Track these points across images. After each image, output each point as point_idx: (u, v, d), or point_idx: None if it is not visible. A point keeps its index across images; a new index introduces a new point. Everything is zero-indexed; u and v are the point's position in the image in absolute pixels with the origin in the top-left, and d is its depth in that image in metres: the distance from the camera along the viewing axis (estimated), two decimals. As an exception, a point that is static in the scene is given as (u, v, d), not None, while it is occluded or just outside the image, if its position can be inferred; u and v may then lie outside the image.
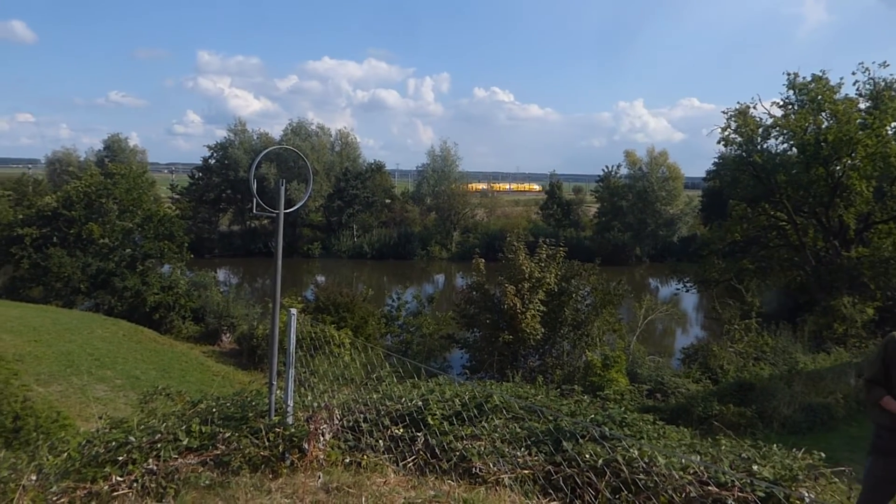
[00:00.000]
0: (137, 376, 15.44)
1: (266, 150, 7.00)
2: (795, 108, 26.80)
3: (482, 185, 73.00)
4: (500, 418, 5.33)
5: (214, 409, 5.17)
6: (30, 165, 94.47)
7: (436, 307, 25.93)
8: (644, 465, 4.30)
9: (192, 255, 31.20)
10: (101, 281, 26.93)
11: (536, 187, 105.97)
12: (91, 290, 27.05)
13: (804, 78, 26.61)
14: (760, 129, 27.53)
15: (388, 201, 63.78)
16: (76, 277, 26.13)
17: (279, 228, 6.40)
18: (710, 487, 4.14)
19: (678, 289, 33.27)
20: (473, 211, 61.69)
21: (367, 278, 49.30)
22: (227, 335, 25.38)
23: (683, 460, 4.35)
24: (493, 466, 4.57)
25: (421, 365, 6.50)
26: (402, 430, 5.07)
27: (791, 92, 26.79)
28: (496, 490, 4.27)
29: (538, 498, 4.25)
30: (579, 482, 4.33)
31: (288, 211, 6.60)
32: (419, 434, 4.97)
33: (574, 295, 19.56)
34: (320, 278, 33.27)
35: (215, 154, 59.84)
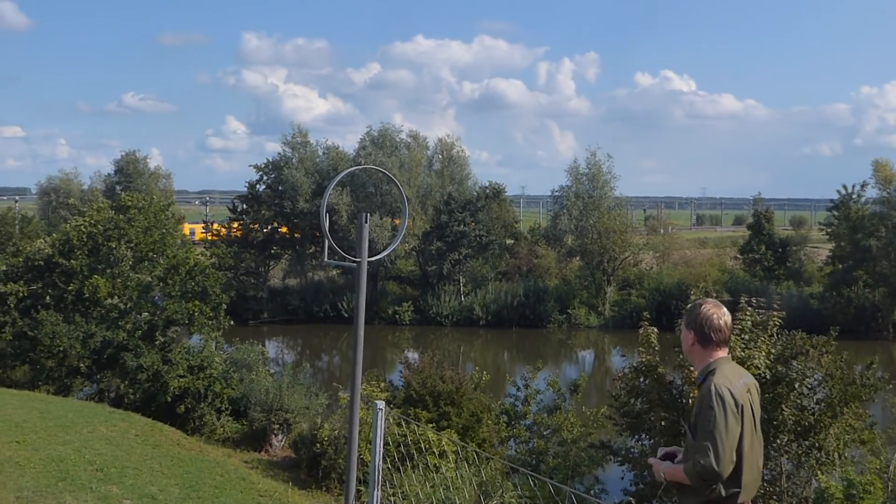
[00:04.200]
0: (153, 496, 15.85)
1: (343, 172, 7.08)
2: None
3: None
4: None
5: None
6: (17, 197, 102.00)
7: (581, 400, 25.36)
8: None
9: (231, 322, 32.25)
10: (107, 358, 28.24)
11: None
12: (94, 371, 28.41)
13: None
14: None
15: (509, 242, 63.99)
16: (74, 353, 27.52)
17: (360, 284, 6.37)
18: None
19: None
20: (637, 255, 60.76)
21: (480, 356, 49.29)
22: (280, 437, 25.83)
23: None
24: None
25: (561, 486, 6.22)
26: None
27: None
28: None
29: None
30: None
31: (372, 259, 6.57)
32: None
33: (797, 385, 18.60)
34: (412, 355, 33.48)
35: (265, 177, 62.18)
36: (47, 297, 28.97)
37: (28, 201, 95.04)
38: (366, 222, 6.08)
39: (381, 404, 6.01)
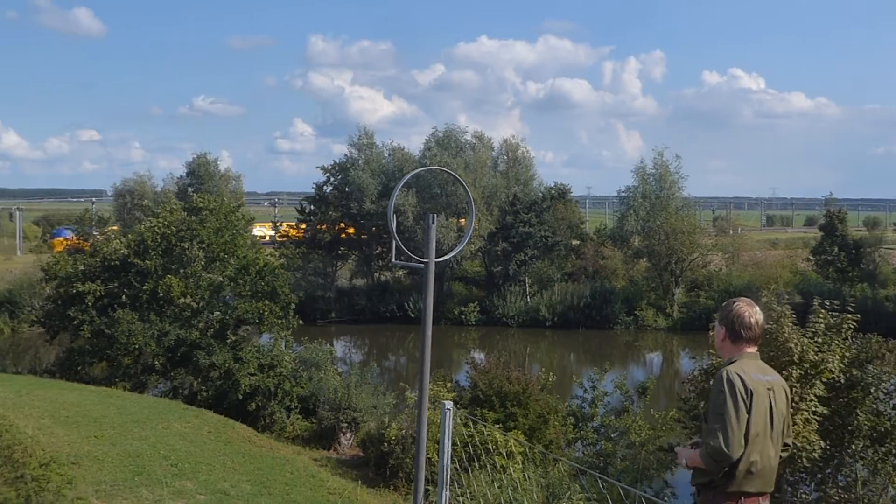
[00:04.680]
0: (226, 491, 16.12)
1: (410, 173, 7.14)
2: None
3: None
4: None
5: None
6: (94, 199, 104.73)
7: (650, 403, 25.15)
8: None
9: (300, 321, 32.64)
10: (180, 356, 28.85)
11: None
12: (168, 369, 29.03)
13: None
14: None
15: (575, 243, 63.65)
16: (149, 350, 28.17)
17: (427, 284, 6.42)
18: None
19: None
20: (706, 257, 59.97)
21: (546, 357, 49.09)
22: (348, 435, 26.06)
23: None
24: None
25: (630, 489, 6.18)
26: None
27: None
28: None
29: None
30: None
31: (439, 260, 6.63)
32: None
33: (873, 390, 18.25)
34: (478, 356, 33.43)
35: (332, 178, 62.92)
36: (123, 297, 29.68)
37: (104, 203, 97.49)
38: (433, 223, 6.13)
39: (448, 405, 6.05)
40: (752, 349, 5.55)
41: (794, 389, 17.88)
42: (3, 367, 37.39)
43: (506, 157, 64.07)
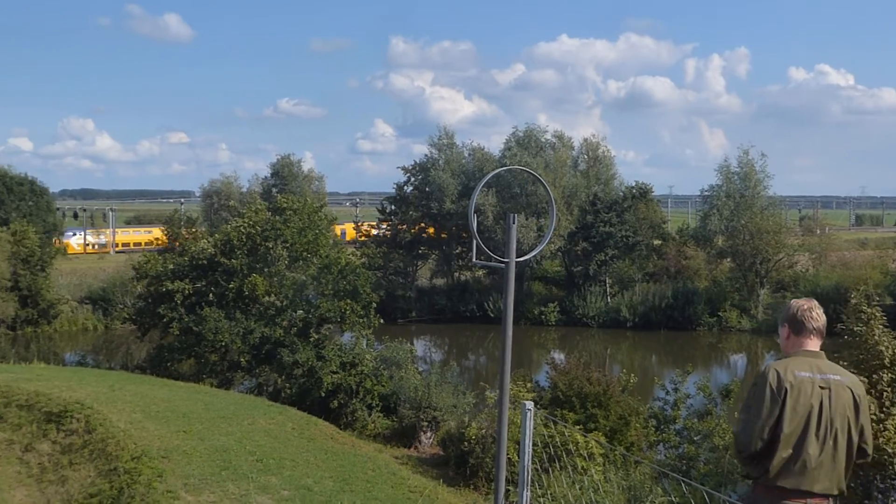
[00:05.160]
0: (309, 487, 16.36)
1: (491, 173, 7.16)
2: None
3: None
4: None
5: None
6: (182, 200, 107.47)
7: (734, 406, 24.66)
8: None
9: (381, 320, 32.94)
10: (265, 353, 29.40)
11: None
12: (253, 366, 29.61)
13: None
14: None
15: (657, 243, 62.88)
16: (235, 348, 28.78)
17: (508, 284, 6.44)
18: None
19: None
20: (792, 257, 58.62)
21: (627, 357, 48.57)
22: (428, 434, 26.20)
23: None
24: None
25: (714, 493, 6.12)
26: None
27: None
28: None
29: None
30: None
31: (520, 259, 6.64)
32: None
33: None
34: (558, 356, 33.29)
35: (412, 178, 63.31)
36: (210, 295, 30.37)
37: (192, 203, 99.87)
38: (513, 223, 6.14)
39: (529, 405, 6.06)
40: (814, 345, 5.51)
41: (884, 394, 17.40)
42: (97, 363, 38.62)
43: (586, 157, 63.74)
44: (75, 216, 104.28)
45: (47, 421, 20.27)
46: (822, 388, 5.28)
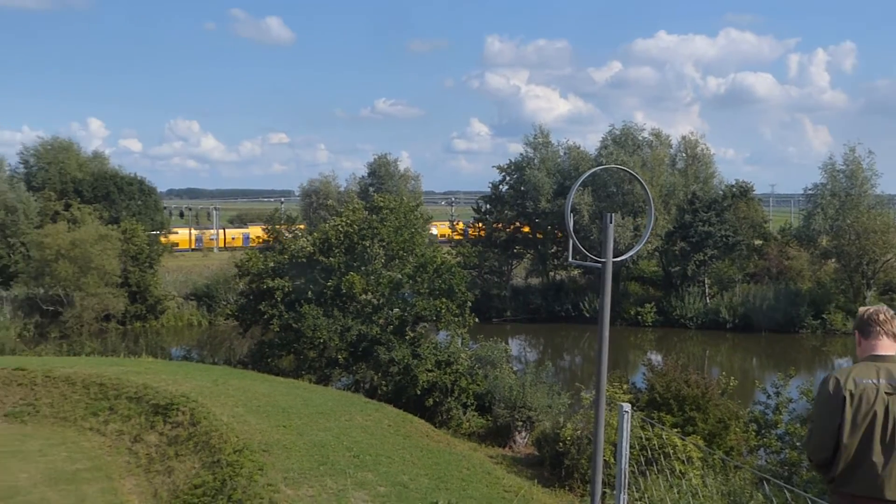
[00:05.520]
0: (405, 484, 16.48)
1: (588, 172, 7.10)
2: None
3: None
4: None
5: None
6: (282, 199, 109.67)
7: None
8: None
9: (476, 319, 33.01)
10: (362, 351, 29.77)
11: None
12: (350, 363, 30.02)
13: None
14: None
15: (758, 243, 61.46)
16: (333, 345, 29.23)
17: (605, 284, 6.38)
18: None
19: None
20: (901, 257, 56.61)
21: (727, 360, 47.64)
22: (523, 434, 26.16)
23: None
24: None
25: (818, 501, 5.94)
26: None
27: None
28: None
29: None
30: None
31: (617, 259, 6.57)
32: None
33: None
34: (655, 357, 32.94)
35: (508, 177, 63.33)
36: (309, 292, 30.90)
37: (292, 202, 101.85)
38: (611, 222, 6.09)
39: (626, 407, 6.00)
40: (885, 349, 5.38)
41: None
42: (202, 358, 39.77)
43: (684, 155, 62.72)
44: (181, 215, 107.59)
45: (155, 413, 20.99)
46: (888, 393, 5.13)
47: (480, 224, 63.32)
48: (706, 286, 56.47)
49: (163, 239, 64.99)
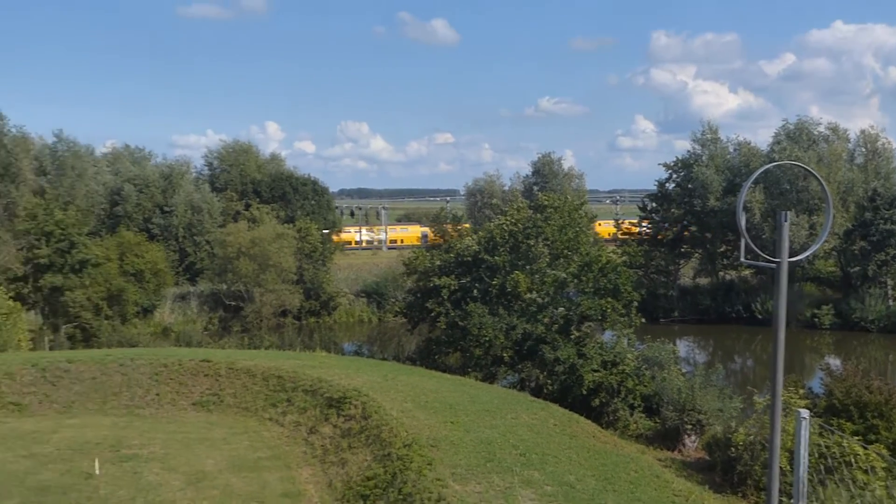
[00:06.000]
0: (572, 484, 16.41)
1: (760, 169, 6.86)
2: None
3: None
4: None
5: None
6: (448, 198, 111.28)
7: None
8: None
9: (642, 319, 32.53)
10: (527, 349, 29.86)
11: None
12: (515, 361, 30.15)
13: None
14: None
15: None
16: (498, 343, 29.44)
17: (780, 285, 6.16)
18: None
19: None
20: None
21: (912, 365, 45.10)
22: (692, 437, 25.58)
23: None
24: None
25: None
26: None
27: None
28: None
29: None
30: None
31: (792, 259, 6.33)
32: None
33: None
34: (833, 361, 31.47)
35: (674, 175, 62.13)
36: (475, 291, 31.25)
37: (457, 202, 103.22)
38: (785, 220, 5.87)
39: (804, 413, 5.77)
40: None
41: None
42: (372, 353, 40.92)
43: (863, 150, 60.02)
44: (352, 214, 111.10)
45: (329, 406, 21.79)
46: None
47: (646, 223, 62.44)
48: (888, 287, 53.47)
49: (334, 237, 67.28)
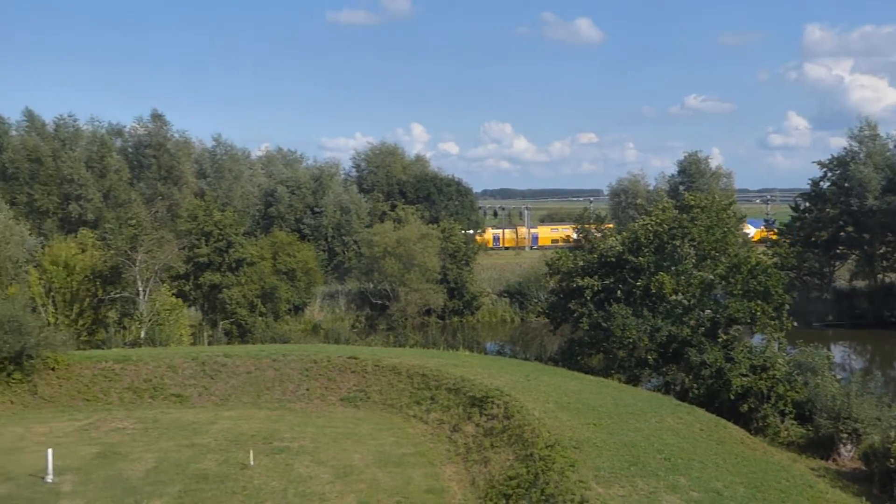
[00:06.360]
0: (719, 491, 16.03)
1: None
2: None
3: None
4: None
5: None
6: (591, 198, 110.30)
7: None
8: None
9: (794, 323, 31.37)
10: (672, 352, 29.22)
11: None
12: (660, 364, 29.56)
13: None
14: None
15: None
16: (642, 345, 28.94)
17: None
18: None
19: None
20: None
21: None
22: (848, 447, 24.48)
23: None
24: None
25: None
26: None
27: None
28: None
29: None
30: None
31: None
32: None
33: None
34: None
35: (829, 174, 59.86)
36: (618, 292, 30.91)
37: (601, 202, 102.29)
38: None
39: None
40: None
41: None
42: (514, 353, 41.01)
43: None
44: (495, 214, 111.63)
45: (471, 405, 22.01)
46: None
47: (799, 223, 60.20)
48: None
49: (478, 238, 67.77)
